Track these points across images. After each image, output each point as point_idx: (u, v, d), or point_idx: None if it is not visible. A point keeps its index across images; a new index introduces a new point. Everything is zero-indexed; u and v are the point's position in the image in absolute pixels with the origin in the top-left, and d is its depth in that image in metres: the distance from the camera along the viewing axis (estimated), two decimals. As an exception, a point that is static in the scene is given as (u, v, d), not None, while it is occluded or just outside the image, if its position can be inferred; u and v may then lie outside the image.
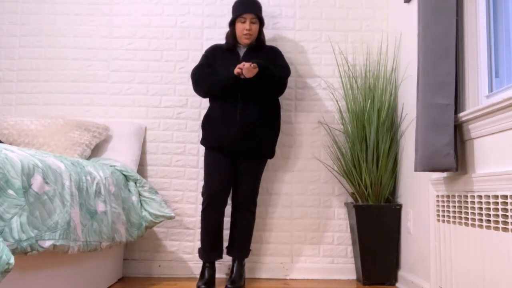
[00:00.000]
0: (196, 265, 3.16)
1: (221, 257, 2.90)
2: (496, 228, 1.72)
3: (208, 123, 2.91)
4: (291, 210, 3.24)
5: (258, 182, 2.93)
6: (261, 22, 2.97)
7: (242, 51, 2.95)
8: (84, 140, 2.96)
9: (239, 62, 2.87)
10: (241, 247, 2.91)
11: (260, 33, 2.98)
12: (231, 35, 2.96)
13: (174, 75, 3.33)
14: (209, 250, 2.85)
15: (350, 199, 3.20)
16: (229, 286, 2.76)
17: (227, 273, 3.12)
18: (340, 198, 3.24)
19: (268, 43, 3.29)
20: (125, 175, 2.82)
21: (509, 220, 1.63)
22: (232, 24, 2.95)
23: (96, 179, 2.33)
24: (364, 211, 2.92)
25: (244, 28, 2.89)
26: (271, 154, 2.95)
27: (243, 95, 2.82)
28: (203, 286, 2.74)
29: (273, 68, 2.85)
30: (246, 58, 2.89)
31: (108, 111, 3.32)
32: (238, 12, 2.91)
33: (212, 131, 2.87)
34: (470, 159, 2.07)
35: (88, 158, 2.99)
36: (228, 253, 2.94)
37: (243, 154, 2.85)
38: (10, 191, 1.57)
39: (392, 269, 2.91)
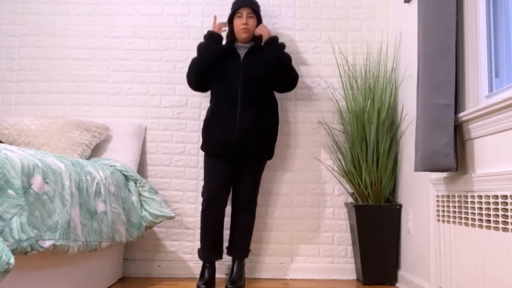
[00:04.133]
0: (196, 265, 3.16)
1: (220, 258, 2.90)
2: (496, 228, 1.72)
3: (208, 128, 2.91)
4: (291, 210, 3.24)
5: (258, 182, 2.94)
6: (258, 19, 2.98)
7: (242, 52, 2.95)
8: (84, 140, 2.96)
9: (240, 63, 2.88)
10: (241, 246, 2.91)
11: None
12: (230, 33, 2.99)
13: (174, 75, 3.33)
14: (209, 251, 2.85)
15: (350, 199, 3.20)
16: (229, 286, 2.76)
17: (227, 273, 3.12)
18: (340, 198, 3.24)
19: (268, 43, 3.29)
20: (125, 175, 2.82)
21: (509, 220, 1.63)
22: (230, 22, 2.97)
23: (96, 179, 2.33)
24: (364, 211, 2.92)
25: (241, 23, 2.91)
26: (270, 155, 2.96)
27: (243, 97, 2.83)
28: (203, 286, 2.74)
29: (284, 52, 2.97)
30: (246, 61, 2.90)
31: (108, 111, 3.32)
32: (234, 7, 2.96)
33: (212, 136, 2.87)
34: (470, 159, 2.07)
35: (88, 158, 2.99)
36: (228, 253, 2.94)
37: (243, 156, 2.85)
38: (10, 191, 1.57)
39: (392, 269, 2.91)
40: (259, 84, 2.88)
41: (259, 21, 2.99)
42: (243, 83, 2.84)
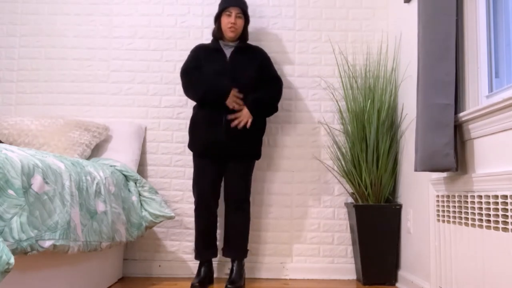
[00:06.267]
0: (196, 265, 3.16)
1: (215, 256, 2.94)
2: (496, 228, 1.72)
3: (194, 127, 2.91)
4: (291, 210, 3.24)
5: (249, 181, 2.92)
6: (246, 19, 2.98)
7: (228, 51, 2.95)
8: (84, 140, 2.96)
9: (226, 62, 2.90)
10: (238, 247, 2.89)
11: (245, 30, 3.00)
12: (217, 30, 2.98)
13: (174, 75, 3.33)
14: (202, 249, 2.88)
15: (350, 199, 3.20)
16: (229, 286, 2.76)
17: (227, 273, 3.12)
18: (340, 198, 3.24)
19: (268, 43, 3.30)
20: (125, 175, 2.82)
21: (509, 220, 1.63)
22: (217, 19, 2.97)
23: (96, 179, 2.33)
24: (364, 211, 2.92)
25: (229, 22, 2.90)
26: (257, 154, 2.95)
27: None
28: (196, 284, 2.77)
29: (264, 98, 2.90)
30: (232, 60, 2.90)
31: (108, 111, 3.32)
32: (224, 5, 2.94)
33: (199, 135, 2.88)
34: (470, 159, 2.07)
35: (88, 158, 2.99)
36: (224, 254, 2.93)
37: (230, 155, 2.86)
38: (10, 191, 1.57)
39: (392, 269, 2.91)
40: (246, 83, 2.88)
41: (246, 21, 2.99)
42: (230, 82, 2.84)
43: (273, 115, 3.08)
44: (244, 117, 2.83)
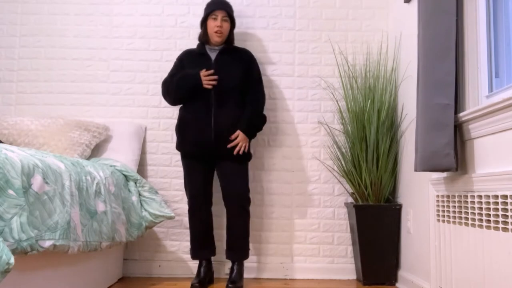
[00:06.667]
0: (195, 265, 3.16)
1: (213, 255, 2.95)
2: (496, 228, 1.72)
3: (182, 128, 2.90)
4: (291, 210, 3.25)
5: (246, 180, 2.89)
6: (232, 23, 2.98)
7: (213, 55, 2.95)
8: (84, 140, 2.96)
9: (211, 66, 2.88)
10: (240, 249, 2.88)
11: (231, 33, 2.99)
12: (203, 34, 2.97)
13: (174, 75, 3.32)
14: (198, 249, 2.89)
15: (350, 199, 3.20)
16: (229, 286, 2.76)
17: (227, 273, 3.12)
18: (340, 198, 3.24)
19: (267, 43, 3.30)
20: (125, 175, 2.82)
21: (509, 220, 1.63)
22: (203, 23, 2.96)
23: (96, 179, 2.33)
24: (364, 211, 2.92)
25: (215, 25, 2.90)
26: (247, 157, 2.91)
27: (217, 98, 2.83)
28: (196, 284, 2.78)
29: (252, 118, 2.88)
30: (218, 62, 2.90)
31: (108, 111, 3.32)
32: (209, 9, 2.94)
33: (187, 136, 2.87)
34: (470, 159, 2.07)
35: (88, 158, 2.99)
36: (227, 257, 2.90)
37: (219, 157, 2.85)
38: (10, 191, 1.57)
39: (392, 269, 2.91)
40: (233, 85, 2.88)
41: (232, 24, 2.99)
42: (217, 85, 2.83)
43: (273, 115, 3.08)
44: (242, 142, 2.83)
